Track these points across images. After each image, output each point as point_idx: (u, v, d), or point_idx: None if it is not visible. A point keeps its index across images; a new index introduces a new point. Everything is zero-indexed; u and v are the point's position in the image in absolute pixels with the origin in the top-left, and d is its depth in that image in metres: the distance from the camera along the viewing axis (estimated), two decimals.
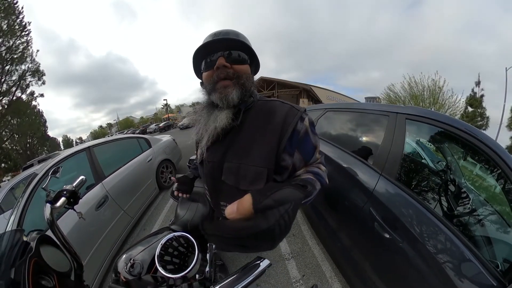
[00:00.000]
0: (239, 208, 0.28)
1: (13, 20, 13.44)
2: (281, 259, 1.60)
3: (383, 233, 0.90)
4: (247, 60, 0.57)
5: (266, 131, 0.53)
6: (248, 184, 0.52)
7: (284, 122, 0.52)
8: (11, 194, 1.97)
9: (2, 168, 14.45)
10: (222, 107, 0.54)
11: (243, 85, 0.53)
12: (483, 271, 0.65)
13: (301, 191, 0.34)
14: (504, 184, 0.82)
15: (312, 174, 0.53)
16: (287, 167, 0.54)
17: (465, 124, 0.91)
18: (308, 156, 0.57)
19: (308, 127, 0.55)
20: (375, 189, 1.02)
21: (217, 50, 0.54)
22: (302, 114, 0.54)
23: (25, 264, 0.38)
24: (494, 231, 0.82)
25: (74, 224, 1.39)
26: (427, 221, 0.81)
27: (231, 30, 0.56)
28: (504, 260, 0.72)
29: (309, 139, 0.55)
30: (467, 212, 0.94)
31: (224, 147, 0.56)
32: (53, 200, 0.56)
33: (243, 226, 0.26)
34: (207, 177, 0.63)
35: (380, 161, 1.10)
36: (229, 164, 0.55)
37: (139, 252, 0.69)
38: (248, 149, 0.53)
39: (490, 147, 0.80)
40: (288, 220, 0.28)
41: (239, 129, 0.55)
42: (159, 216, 2.49)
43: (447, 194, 1.00)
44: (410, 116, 1.09)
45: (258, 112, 0.57)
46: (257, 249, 0.29)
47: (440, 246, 0.75)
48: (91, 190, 1.77)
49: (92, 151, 2.08)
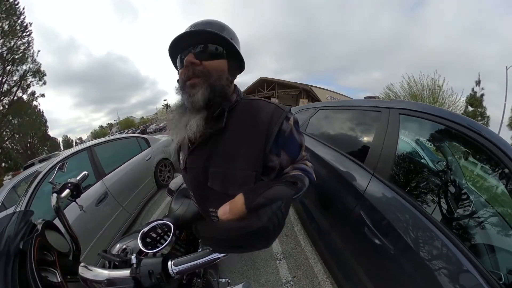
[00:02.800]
0: (232, 208, 0.28)
1: (14, 21, 13.52)
2: (272, 259, 1.57)
3: (373, 239, 0.82)
4: (221, 54, 0.51)
5: (251, 132, 0.51)
6: (237, 188, 0.50)
7: (270, 123, 0.51)
8: (14, 192, 2.05)
9: (2, 168, 14.52)
10: (190, 109, 0.50)
11: (212, 85, 0.48)
12: (482, 284, 0.57)
13: (292, 188, 0.34)
14: (507, 183, 0.73)
15: (300, 171, 0.53)
16: (274, 167, 0.53)
17: (466, 118, 0.82)
18: (294, 155, 0.57)
19: (293, 126, 0.54)
20: (366, 190, 0.94)
21: (189, 45, 0.49)
22: (287, 114, 0.53)
23: (31, 240, 0.44)
24: (498, 238, 0.73)
25: (75, 218, 1.47)
26: (423, 227, 0.72)
27: (212, 21, 0.51)
28: (509, 271, 0.63)
29: (294, 138, 0.55)
30: (466, 216, 0.86)
31: (208, 151, 0.53)
32: (59, 190, 0.63)
33: (237, 226, 0.26)
34: (192, 184, 0.60)
35: (372, 160, 1.01)
36: (215, 169, 0.52)
37: (131, 240, 0.75)
38: (233, 153, 0.51)
39: (495, 144, 0.71)
40: (282, 217, 0.28)
41: (223, 130, 0.52)
42: (156, 212, 2.56)
43: (446, 196, 0.92)
44: (404, 111, 1.01)
45: (243, 112, 0.55)
46: (253, 248, 0.28)
47: (435, 254, 0.67)
48: (92, 186, 1.85)
49: (93, 150, 2.16)
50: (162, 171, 3.32)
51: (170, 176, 3.50)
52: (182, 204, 1.04)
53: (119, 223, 2.01)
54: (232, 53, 0.54)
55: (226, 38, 0.50)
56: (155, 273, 0.39)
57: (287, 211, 0.30)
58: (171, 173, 3.54)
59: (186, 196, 1.10)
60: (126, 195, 2.23)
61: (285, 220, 0.29)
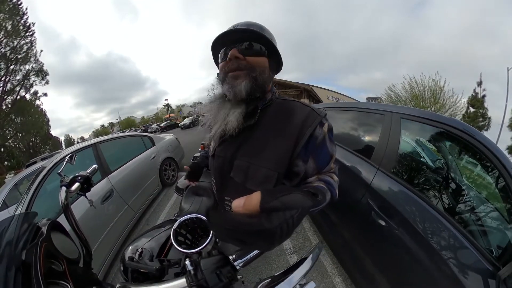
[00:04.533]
0: (246, 203, 0.28)
1: (17, 21, 13.59)
2: (283, 254, 1.64)
3: (379, 221, 0.96)
4: (264, 52, 0.53)
5: (282, 132, 0.51)
6: (256, 185, 0.51)
7: (302, 126, 0.49)
8: (16, 190, 1.98)
9: (5, 166, 14.57)
10: (230, 100, 0.52)
11: (254, 78, 0.49)
12: (479, 258, 0.69)
13: (311, 199, 0.33)
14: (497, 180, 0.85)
15: (324, 183, 0.50)
16: (298, 173, 0.51)
17: (460, 122, 0.97)
18: (323, 165, 0.54)
19: (327, 133, 0.52)
20: (372, 182, 1.10)
21: (234, 41, 0.51)
22: (322, 119, 0.51)
23: (36, 248, 0.36)
24: (488, 221, 0.87)
25: (81, 215, 1.41)
26: (423, 210, 0.86)
27: (253, 23, 0.54)
28: (498, 247, 0.76)
29: (326, 147, 0.52)
30: (461, 202, 1.00)
31: (237, 143, 0.55)
32: (68, 184, 0.55)
33: (245, 222, 0.26)
34: (215, 171, 0.61)
35: (378, 157, 1.17)
36: (240, 161, 0.54)
37: (146, 242, 0.69)
38: (261, 149, 0.51)
39: (483, 143, 0.84)
40: (291, 226, 0.27)
41: (255, 127, 0.53)
42: (162, 212, 2.50)
43: (445, 188, 1.08)
44: (404, 115, 1.17)
45: (276, 111, 0.55)
46: (255, 247, 0.29)
47: (434, 232, 0.80)
48: (98, 184, 1.78)
49: (98, 147, 2.10)
50: (166, 169, 3.28)
51: (174, 175, 3.46)
52: (194, 202, 1.02)
53: (125, 222, 1.95)
54: (271, 53, 0.54)
55: (267, 38, 0.52)
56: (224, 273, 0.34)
57: (299, 222, 0.29)
58: (175, 172, 3.50)
59: (197, 194, 1.09)
60: (131, 193, 2.17)
61: (294, 229, 0.28)
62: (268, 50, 0.53)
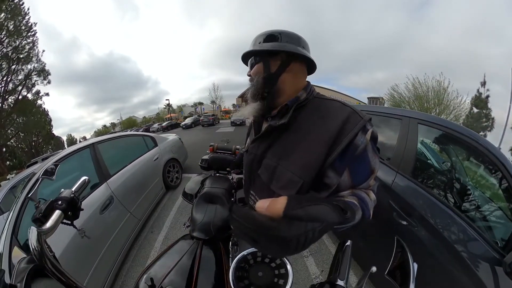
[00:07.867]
0: (270, 206, 0.27)
1: (19, 21, 13.56)
2: (300, 257, 1.66)
3: (400, 221, 1.04)
4: (257, 60, 0.55)
5: (315, 136, 0.46)
6: (279, 187, 0.49)
7: (340, 130, 0.43)
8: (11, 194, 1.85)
9: (7, 166, 14.56)
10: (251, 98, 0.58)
11: (253, 85, 0.55)
12: (487, 248, 0.81)
13: (339, 216, 0.31)
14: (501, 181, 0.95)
15: (358, 200, 0.43)
16: (329, 186, 0.46)
17: (470, 131, 1.05)
18: (360, 181, 0.47)
19: (369, 143, 0.44)
20: (392, 184, 1.16)
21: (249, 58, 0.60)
22: (366, 124, 0.43)
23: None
24: (493, 218, 0.99)
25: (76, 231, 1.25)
26: (437, 208, 0.96)
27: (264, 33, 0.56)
28: (502, 239, 0.89)
29: (367, 159, 0.45)
30: (469, 202, 1.10)
31: (268, 143, 0.55)
32: (42, 216, 0.38)
33: (264, 224, 0.25)
34: (246, 166, 0.65)
35: (397, 160, 1.22)
36: (268, 161, 0.53)
37: (166, 274, 0.57)
38: (290, 152, 0.49)
39: (488, 149, 0.94)
40: (311, 239, 0.26)
41: (287, 127, 0.51)
42: (167, 217, 2.36)
43: (456, 188, 1.17)
44: (422, 121, 1.21)
45: (312, 111, 0.50)
46: (266, 250, 0.28)
47: (450, 229, 0.90)
48: (95, 191, 1.60)
49: (96, 148, 1.92)
50: (170, 171, 3.13)
51: (178, 177, 3.31)
52: (207, 211, 0.94)
53: (127, 231, 1.78)
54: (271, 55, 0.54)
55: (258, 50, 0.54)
56: None
57: (319, 236, 0.27)
58: (179, 174, 3.36)
59: (209, 202, 1.01)
60: (133, 199, 2.00)
61: (313, 243, 0.27)
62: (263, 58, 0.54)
